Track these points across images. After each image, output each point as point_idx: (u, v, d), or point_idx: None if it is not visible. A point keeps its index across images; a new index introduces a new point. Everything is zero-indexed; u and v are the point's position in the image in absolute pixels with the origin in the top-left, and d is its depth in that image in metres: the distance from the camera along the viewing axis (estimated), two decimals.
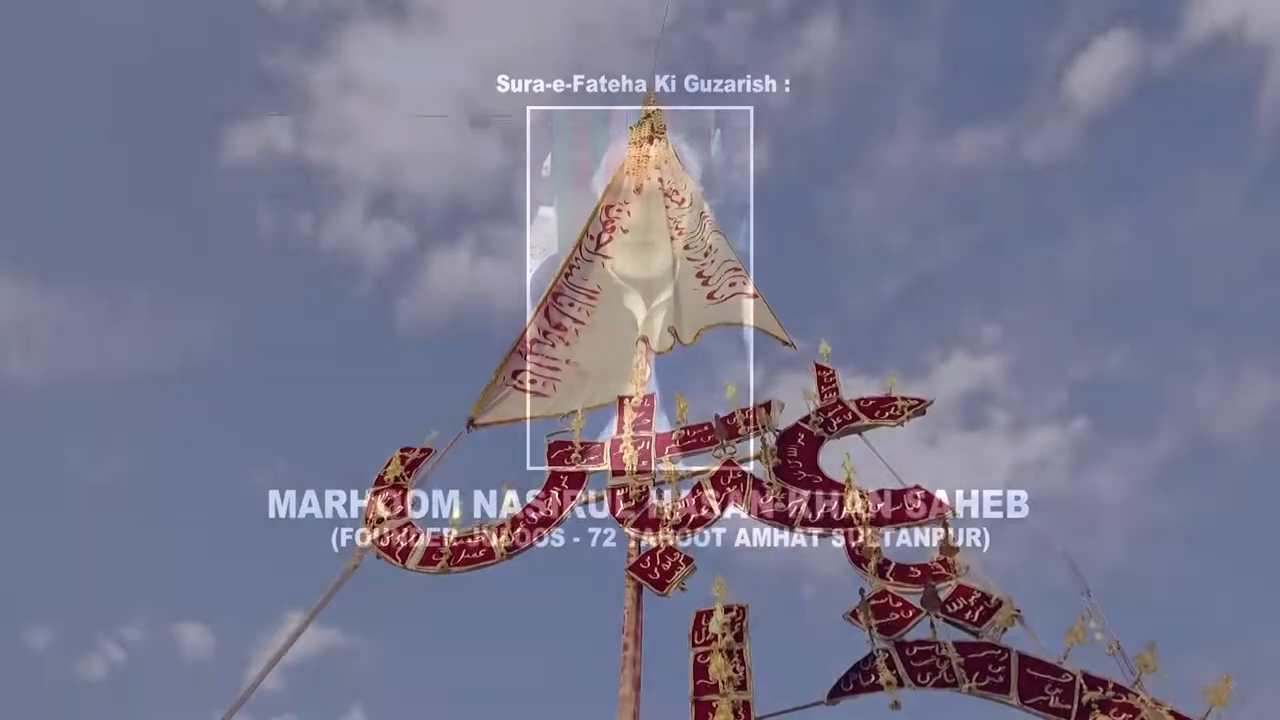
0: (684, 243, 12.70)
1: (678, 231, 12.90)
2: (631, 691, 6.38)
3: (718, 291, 11.24)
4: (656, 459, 8.29)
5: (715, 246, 12.02)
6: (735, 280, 11.24)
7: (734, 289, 11.11)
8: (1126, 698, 5.34)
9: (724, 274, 11.46)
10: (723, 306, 10.94)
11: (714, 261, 11.82)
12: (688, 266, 12.03)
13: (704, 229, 12.63)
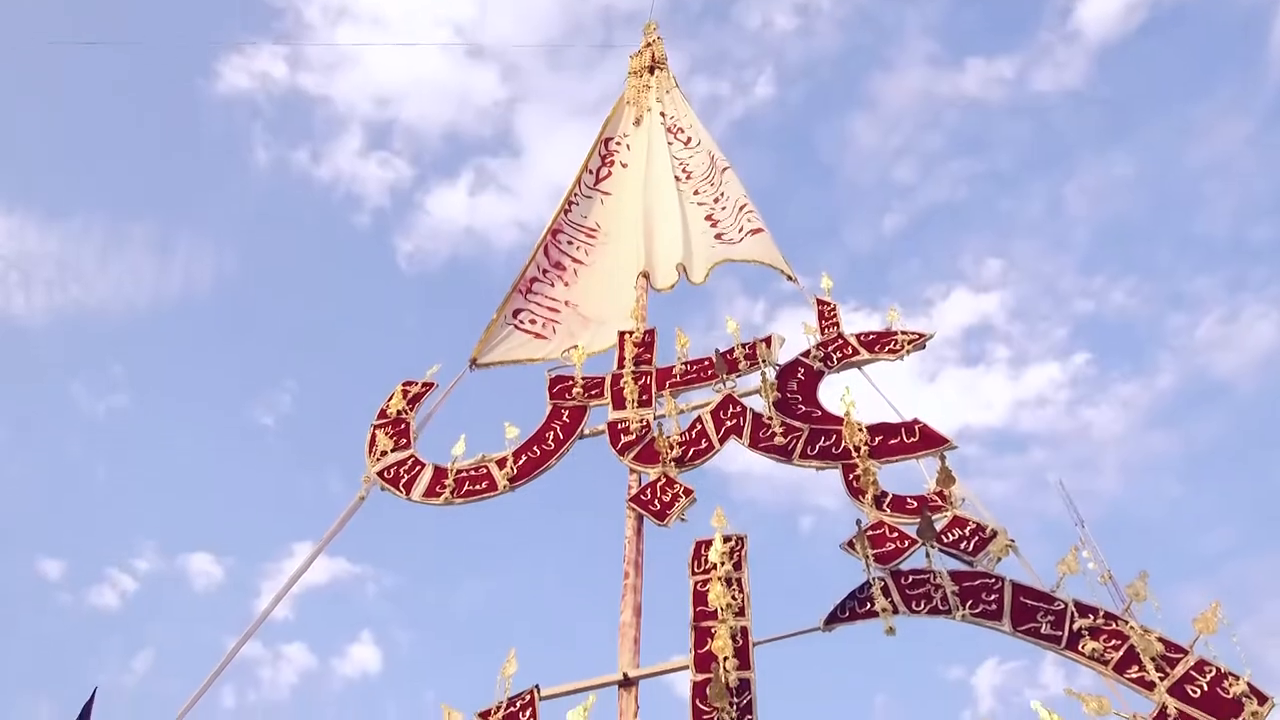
0: (693, 187, 12.58)
1: (685, 174, 12.76)
2: (632, 618, 6.53)
3: (726, 234, 11.22)
4: (657, 393, 8.34)
5: (727, 193, 11.94)
6: (744, 222, 11.19)
7: (742, 232, 11.07)
8: (1116, 625, 5.44)
9: (735, 216, 11.42)
10: (731, 247, 10.93)
11: (724, 206, 11.76)
12: (696, 211, 11.93)
13: (715, 173, 12.51)
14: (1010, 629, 5.62)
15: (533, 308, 10.89)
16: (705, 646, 5.87)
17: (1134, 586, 5.55)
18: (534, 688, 6.10)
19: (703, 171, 12.81)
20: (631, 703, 5.97)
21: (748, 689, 5.61)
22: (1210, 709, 4.89)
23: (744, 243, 10.96)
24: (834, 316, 8.61)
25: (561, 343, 10.23)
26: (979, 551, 6.10)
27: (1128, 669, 5.23)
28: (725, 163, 12.56)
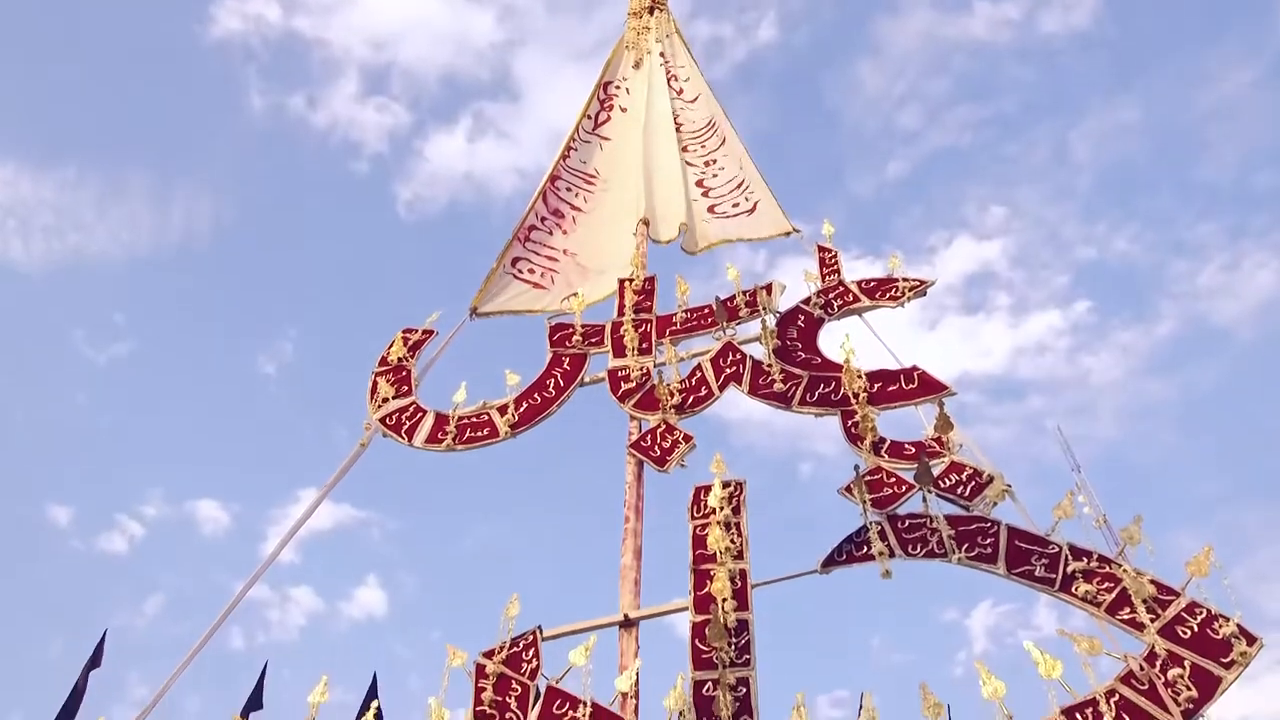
0: (684, 143, 12.41)
1: (678, 125, 12.58)
2: (633, 561, 6.63)
3: (719, 206, 11.13)
4: (657, 341, 8.34)
5: (725, 165, 11.81)
6: (741, 199, 11.08)
7: (737, 209, 10.97)
8: (1109, 568, 5.52)
9: (729, 191, 11.30)
10: (725, 223, 10.83)
11: (716, 175, 11.64)
12: (688, 172, 11.81)
13: (710, 135, 12.35)
14: (1005, 572, 5.69)
15: (532, 257, 10.84)
16: (704, 588, 5.97)
17: (1128, 530, 5.61)
18: (536, 628, 6.22)
19: (696, 129, 12.65)
20: (632, 643, 6.09)
21: (746, 629, 5.72)
22: (1199, 649, 4.97)
23: (736, 219, 10.86)
24: (835, 263, 8.57)
25: (561, 292, 10.20)
26: (975, 496, 6.15)
27: (1119, 610, 5.32)
28: (726, 132, 12.37)
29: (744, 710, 5.34)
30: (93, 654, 9.11)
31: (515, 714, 5.77)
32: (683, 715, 5.30)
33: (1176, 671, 4.88)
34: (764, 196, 11.02)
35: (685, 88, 13.37)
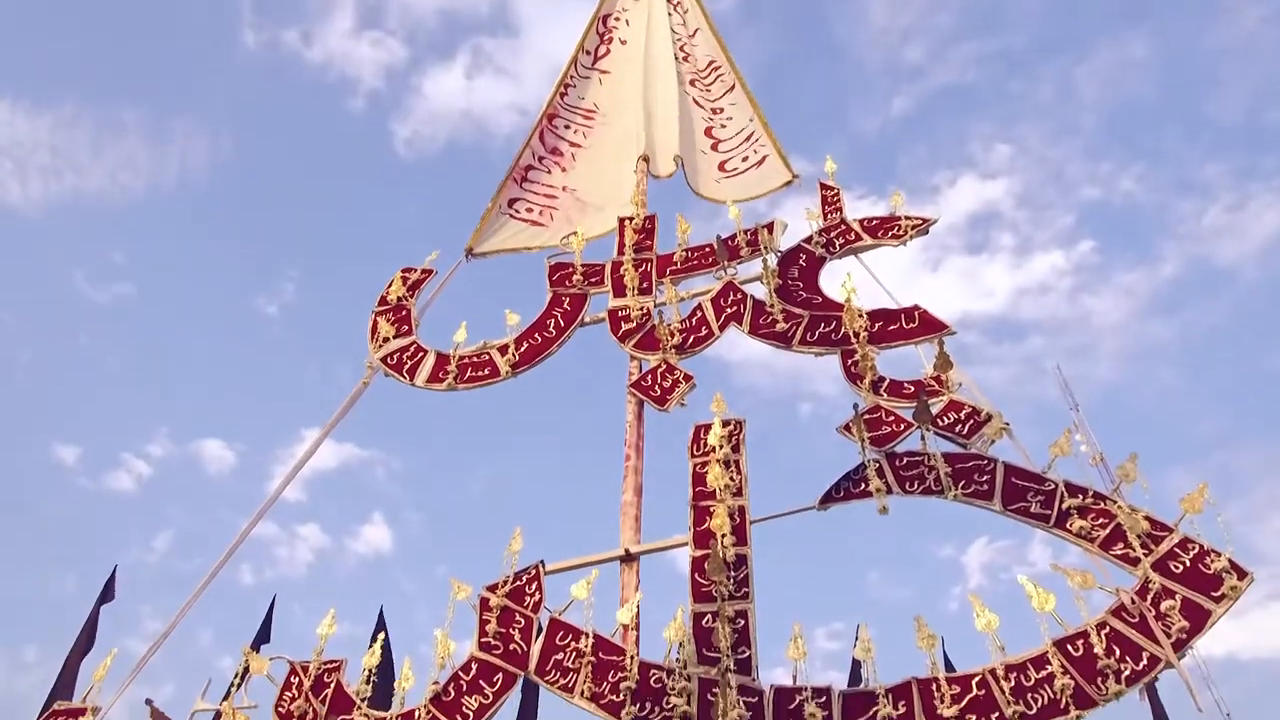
0: (690, 76, 12.14)
1: (684, 56, 12.30)
2: (633, 498, 6.71)
3: (729, 162, 10.91)
4: (657, 280, 8.31)
5: (732, 115, 11.54)
6: (749, 153, 10.86)
7: (747, 163, 10.76)
8: (1104, 504, 5.58)
9: (739, 145, 11.07)
10: (735, 182, 10.62)
11: (727, 127, 11.38)
12: (696, 113, 11.56)
13: (715, 79, 12.06)
14: (1001, 508, 5.75)
15: (529, 196, 10.72)
16: (704, 524, 6.05)
17: (1124, 468, 5.65)
18: (539, 563, 6.32)
19: (699, 69, 12.37)
20: (633, 577, 6.20)
21: (744, 564, 5.81)
22: (1191, 583, 5.05)
23: (746, 175, 10.66)
24: (837, 201, 8.47)
25: (559, 229, 10.11)
26: (973, 434, 6.19)
27: (1113, 546, 5.39)
28: (732, 79, 12.07)
29: (742, 641, 5.46)
30: (104, 588, 9.29)
31: (519, 645, 5.91)
32: (683, 646, 5.43)
33: (1168, 604, 4.96)
34: (770, 149, 10.83)
35: (686, 19, 13.06)
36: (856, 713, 5.09)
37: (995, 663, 5.05)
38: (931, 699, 5.00)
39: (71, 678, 9.42)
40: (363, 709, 5.99)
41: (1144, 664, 4.85)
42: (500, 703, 5.71)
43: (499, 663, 5.87)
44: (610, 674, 5.50)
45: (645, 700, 5.33)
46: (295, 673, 6.34)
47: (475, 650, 5.97)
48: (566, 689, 5.57)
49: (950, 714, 4.90)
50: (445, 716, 5.70)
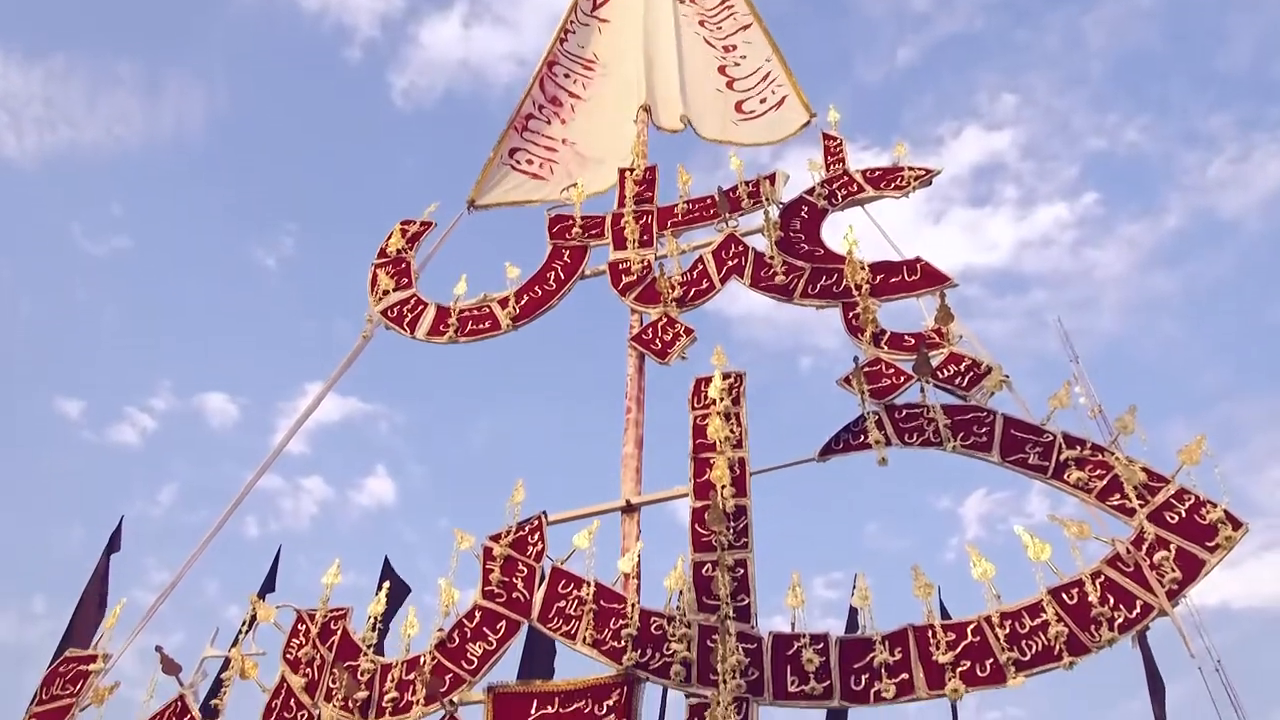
0: (698, 16, 11.88)
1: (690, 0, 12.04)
2: (634, 450, 6.76)
3: (747, 103, 10.66)
4: (658, 232, 8.26)
5: (746, 53, 11.26)
6: (767, 94, 10.61)
7: (765, 105, 10.52)
8: (1102, 456, 5.61)
9: (755, 84, 10.82)
10: (754, 125, 10.39)
11: (741, 65, 11.11)
12: (706, 53, 11.32)
13: (726, 19, 11.77)
14: (999, 459, 5.79)
15: (529, 147, 10.60)
16: (704, 476, 6.11)
17: (1122, 420, 5.67)
18: (541, 514, 6.39)
19: (710, 6, 12.08)
20: (634, 527, 6.26)
21: (744, 514, 5.88)
22: (1186, 533, 5.10)
23: (765, 118, 10.42)
24: (840, 152, 8.38)
25: (560, 183, 10.01)
26: (973, 387, 6.20)
27: (1110, 497, 5.43)
28: (748, 18, 11.77)
29: (742, 589, 5.54)
30: (110, 540, 9.39)
31: (522, 593, 6.00)
32: (683, 594, 5.51)
33: (1162, 554, 5.02)
34: (789, 89, 10.58)
35: None
36: (853, 658, 5.18)
37: (990, 610, 5.13)
38: (927, 645, 5.09)
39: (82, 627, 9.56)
40: (369, 655, 6.11)
41: (1137, 612, 4.92)
42: (504, 649, 5.82)
43: (502, 610, 5.97)
44: (612, 621, 5.59)
45: (646, 646, 5.42)
46: (302, 620, 6.45)
47: (479, 598, 6.07)
48: (569, 635, 5.67)
49: (945, 660, 4.99)
50: (450, 662, 5.81)
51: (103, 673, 6.70)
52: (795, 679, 5.14)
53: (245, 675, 6.27)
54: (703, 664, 5.26)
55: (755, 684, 5.15)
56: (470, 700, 5.63)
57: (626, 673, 5.33)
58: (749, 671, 5.17)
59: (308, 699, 6.01)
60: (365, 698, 5.85)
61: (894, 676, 5.04)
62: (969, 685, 4.91)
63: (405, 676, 5.84)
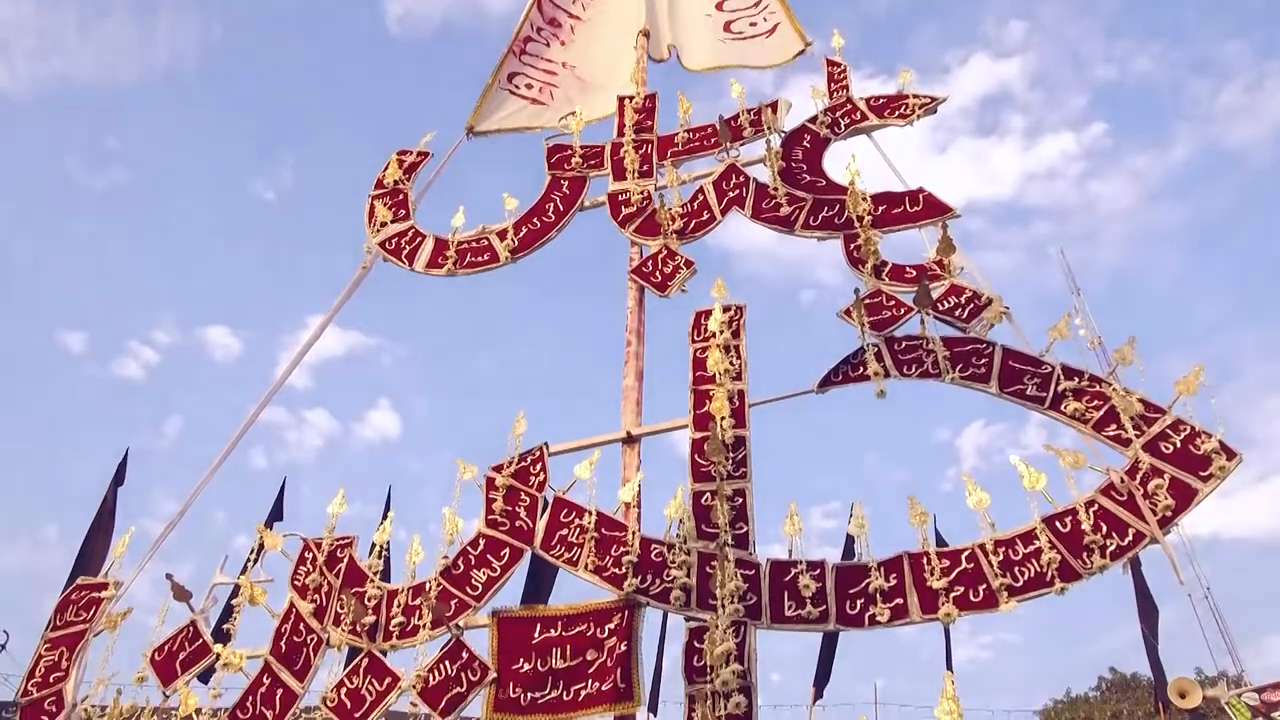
0: None
1: None
2: (635, 382, 6.79)
3: (735, 24, 10.36)
4: (658, 163, 8.15)
5: None
6: (758, 20, 10.30)
7: (756, 29, 10.22)
8: (1100, 387, 5.63)
9: (747, 8, 10.49)
10: (742, 46, 10.12)
11: None
12: None
13: None
14: (997, 390, 5.82)
15: (529, 71, 10.39)
16: (704, 407, 6.16)
17: (1121, 351, 5.68)
18: (543, 445, 6.47)
19: None
20: (634, 458, 6.34)
21: (743, 445, 5.94)
22: (1180, 463, 5.16)
23: (755, 41, 10.14)
24: (843, 79, 8.21)
25: (560, 108, 9.84)
26: (973, 318, 6.20)
27: (1106, 427, 5.48)
28: None
29: (740, 518, 5.63)
30: (116, 472, 9.51)
31: (525, 522, 6.10)
32: (683, 523, 5.61)
33: (1156, 483, 5.08)
34: (782, 16, 10.31)
35: None
36: (849, 584, 5.30)
37: (985, 538, 5.22)
38: (922, 572, 5.20)
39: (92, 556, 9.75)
40: (375, 581, 6.24)
41: (1129, 540, 5.00)
42: (507, 576, 5.95)
43: (505, 538, 6.08)
44: (613, 548, 5.70)
45: (646, 573, 5.54)
46: (309, 549, 6.58)
47: (482, 527, 6.18)
48: (571, 562, 5.79)
49: (939, 586, 5.11)
50: (455, 588, 5.94)
51: (115, 599, 6.86)
52: (792, 604, 5.27)
53: (254, 601, 6.42)
54: (702, 589, 5.39)
55: (753, 609, 5.28)
56: (476, 624, 5.77)
57: (627, 598, 5.46)
58: (747, 597, 5.29)
59: (316, 623, 6.17)
60: (372, 622, 6.01)
61: (889, 601, 5.16)
62: (962, 610, 5.02)
63: (411, 602, 5.98)
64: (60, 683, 6.49)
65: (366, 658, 5.87)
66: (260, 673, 6.11)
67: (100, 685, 6.34)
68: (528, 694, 5.39)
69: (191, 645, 6.38)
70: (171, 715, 6.11)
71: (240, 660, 6.14)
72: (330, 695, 5.79)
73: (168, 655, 6.39)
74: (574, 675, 5.37)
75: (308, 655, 6.07)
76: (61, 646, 6.69)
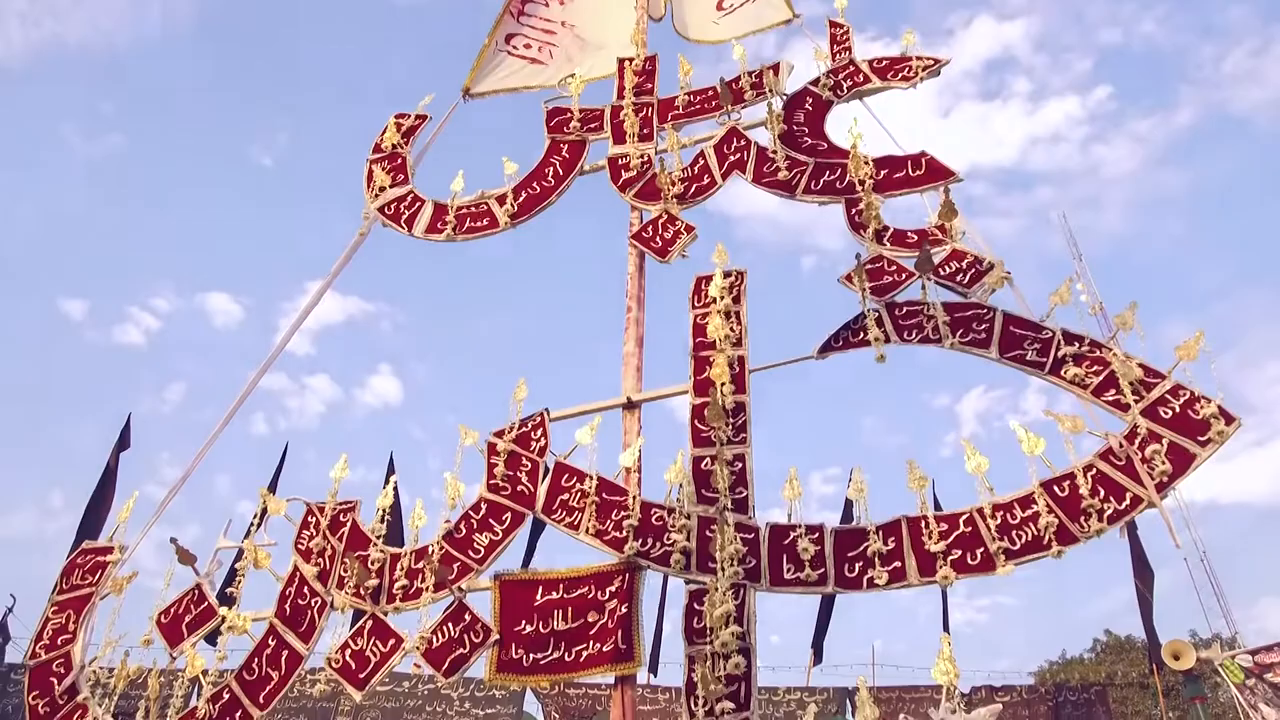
0: None
1: None
2: (635, 348, 6.79)
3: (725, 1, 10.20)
4: (659, 126, 8.08)
5: None
6: None
7: None
8: (1100, 352, 5.63)
9: None
10: (733, 18, 9.98)
11: None
12: None
13: None
14: (997, 356, 5.81)
15: (526, 31, 10.25)
16: (704, 373, 6.17)
17: (1122, 316, 5.67)
18: (544, 410, 6.49)
19: None
20: (635, 423, 6.36)
21: (743, 411, 5.96)
22: (1178, 428, 5.17)
23: (742, 10, 10.00)
24: (846, 40, 8.10)
25: (559, 68, 9.73)
26: (974, 283, 6.18)
27: (1105, 392, 5.48)
28: None
29: (740, 483, 5.67)
30: (119, 437, 9.54)
31: (526, 486, 6.15)
32: (682, 487, 5.65)
33: (1154, 448, 5.10)
34: None
35: None
36: (848, 548, 5.34)
37: (983, 502, 5.26)
38: (919, 535, 5.24)
39: (96, 520, 9.83)
40: (378, 545, 6.30)
41: (1126, 504, 5.03)
42: (509, 540, 6.00)
43: (507, 503, 6.13)
44: (614, 512, 5.75)
45: (647, 536, 5.59)
46: (312, 513, 6.63)
47: (484, 491, 6.22)
48: (572, 526, 5.84)
49: (937, 549, 5.15)
50: (457, 551, 6.00)
51: (120, 563, 6.92)
52: (791, 567, 5.32)
53: (258, 565, 6.49)
54: (702, 553, 5.44)
55: (752, 571, 5.33)
56: (478, 587, 5.84)
57: (628, 561, 5.51)
58: (746, 560, 5.34)
59: (320, 586, 6.23)
60: (376, 585, 6.07)
61: (887, 565, 5.21)
62: (959, 572, 5.07)
63: (414, 565, 6.04)
64: (68, 645, 6.57)
65: (370, 619, 5.94)
66: (265, 634, 6.19)
67: (108, 647, 6.42)
68: (530, 655, 5.47)
69: (197, 608, 6.46)
70: (179, 676, 6.20)
71: (245, 623, 6.22)
72: (335, 656, 5.88)
73: (174, 618, 6.47)
74: (575, 636, 5.44)
75: (312, 617, 6.14)
76: (68, 610, 6.77)
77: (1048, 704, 16.07)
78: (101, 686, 6.39)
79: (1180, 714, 18.49)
